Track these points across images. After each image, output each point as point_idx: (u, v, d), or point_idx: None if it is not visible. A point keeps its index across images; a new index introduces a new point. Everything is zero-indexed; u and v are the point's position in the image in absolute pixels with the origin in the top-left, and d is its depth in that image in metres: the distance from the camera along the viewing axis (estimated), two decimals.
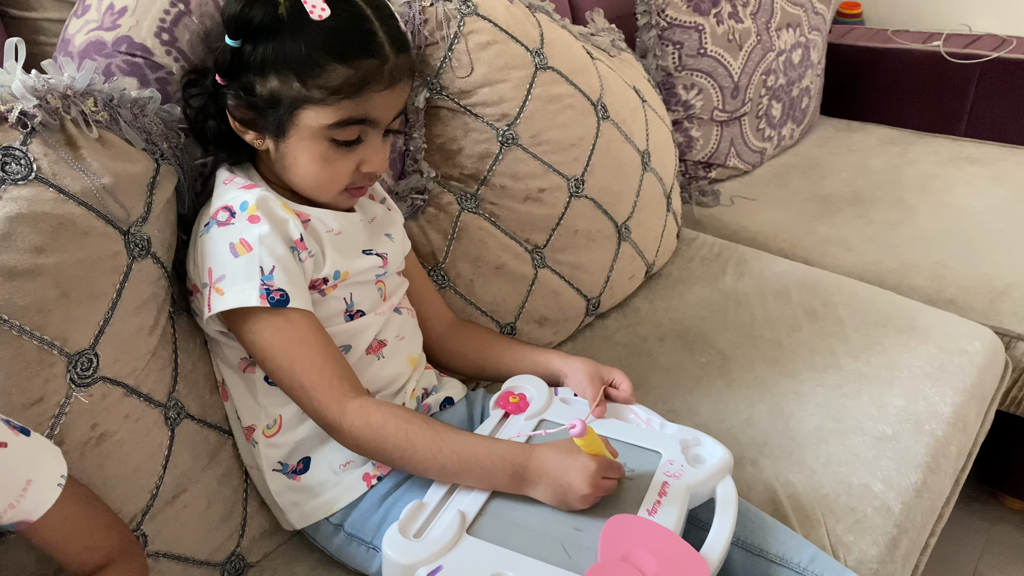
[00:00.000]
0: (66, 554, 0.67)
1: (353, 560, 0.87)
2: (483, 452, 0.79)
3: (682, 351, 1.24)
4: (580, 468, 0.76)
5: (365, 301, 0.90)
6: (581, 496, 0.75)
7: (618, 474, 0.79)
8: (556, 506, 0.77)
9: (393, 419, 0.79)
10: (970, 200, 1.64)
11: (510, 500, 0.79)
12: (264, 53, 0.78)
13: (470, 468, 0.78)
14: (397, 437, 0.78)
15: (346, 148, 0.82)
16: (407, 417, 0.80)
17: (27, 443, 0.62)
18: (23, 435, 0.62)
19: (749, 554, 0.85)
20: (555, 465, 0.77)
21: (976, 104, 1.92)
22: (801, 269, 1.43)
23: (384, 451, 0.79)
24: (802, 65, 1.85)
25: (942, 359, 1.20)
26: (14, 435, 0.61)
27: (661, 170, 1.37)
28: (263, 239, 0.79)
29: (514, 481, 0.78)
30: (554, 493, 0.76)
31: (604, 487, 0.77)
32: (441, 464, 0.78)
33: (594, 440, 0.77)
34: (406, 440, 0.78)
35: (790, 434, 1.06)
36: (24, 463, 0.62)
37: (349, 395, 0.79)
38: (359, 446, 0.80)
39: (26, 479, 0.62)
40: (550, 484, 0.76)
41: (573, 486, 0.75)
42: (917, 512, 1.02)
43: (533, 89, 1.14)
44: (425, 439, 0.78)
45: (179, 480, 0.83)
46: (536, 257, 1.19)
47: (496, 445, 0.80)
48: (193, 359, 0.87)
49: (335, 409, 0.79)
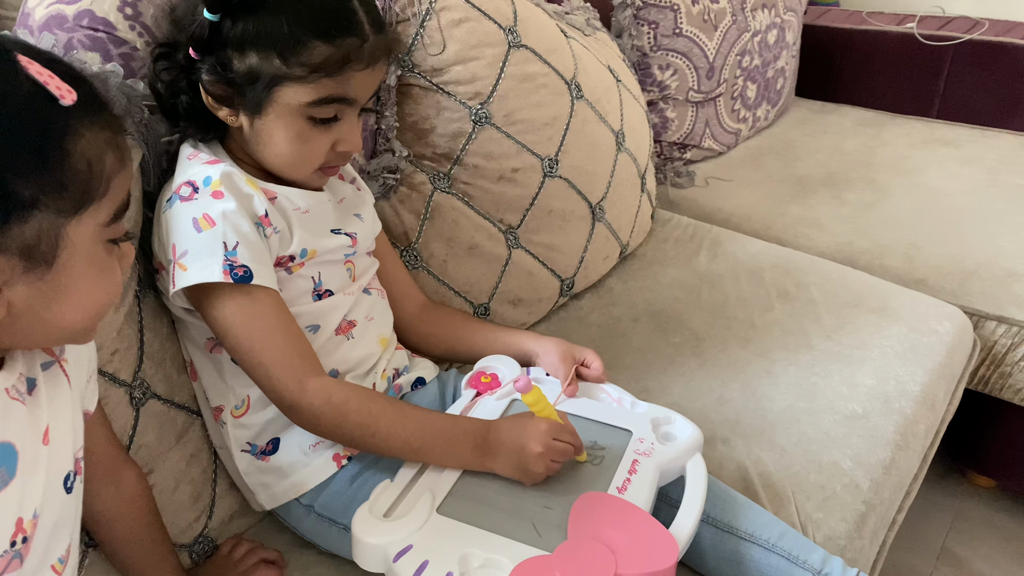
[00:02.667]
0: (119, 448, 0.76)
1: (325, 541, 0.87)
2: (446, 427, 0.80)
3: (655, 331, 1.24)
4: (531, 429, 0.77)
5: (334, 281, 0.89)
6: (535, 455, 0.76)
7: (571, 438, 0.79)
8: (517, 476, 0.77)
9: (355, 397, 0.79)
10: (942, 182, 1.66)
11: (479, 479, 0.79)
12: (244, 29, 0.76)
13: (434, 443, 0.78)
14: (359, 414, 0.78)
15: (323, 126, 0.81)
16: (369, 396, 0.80)
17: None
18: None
19: (719, 531, 0.86)
20: (509, 432, 0.78)
21: (949, 86, 1.93)
22: (775, 250, 1.43)
23: (345, 430, 0.79)
24: (777, 46, 1.85)
25: (912, 339, 1.22)
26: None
27: (636, 150, 1.37)
28: (227, 215, 0.78)
29: (476, 454, 0.78)
30: (511, 460, 0.77)
31: (558, 449, 0.77)
32: (404, 440, 0.78)
33: (541, 400, 0.79)
34: (368, 417, 0.78)
35: (762, 413, 1.07)
36: (91, 357, 0.69)
37: (309, 374, 0.79)
38: (319, 426, 0.79)
39: (92, 369, 0.69)
40: (508, 452, 0.77)
41: (526, 448, 0.76)
42: (885, 489, 1.03)
43: (507, 67, 1.13)
44: (388, 416, 0.78)
45: (145, 460, 0.82)
46: (510, 237, 1.19)
47: (459, 420, 0.82)
48: (160, 338, 0.86)
49: (294, 388, 0.78)
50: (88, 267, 0.56)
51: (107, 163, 0.55)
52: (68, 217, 0.53)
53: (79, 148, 0.53)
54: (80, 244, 0.54)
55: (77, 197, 0.53)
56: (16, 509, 0.56)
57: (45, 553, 0.60)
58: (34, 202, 0.51)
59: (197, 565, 0.88)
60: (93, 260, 0.56)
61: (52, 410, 0.61)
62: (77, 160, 0.52)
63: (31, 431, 0.58)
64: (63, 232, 0.53)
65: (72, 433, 0.64)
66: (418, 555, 0.69)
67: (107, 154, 0.55)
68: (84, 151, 0.53)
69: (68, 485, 0.62)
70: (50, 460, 0.60)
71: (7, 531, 0.56)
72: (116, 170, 0.56)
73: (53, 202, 0.52)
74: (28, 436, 0.58)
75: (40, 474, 0.59)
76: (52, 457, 0.60)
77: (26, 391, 0.59)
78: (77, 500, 0.65)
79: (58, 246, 0.53)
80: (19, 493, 0.56)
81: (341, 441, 0.83)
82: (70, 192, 0.52)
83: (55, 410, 0.61)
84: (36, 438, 0.59)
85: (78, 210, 0.53)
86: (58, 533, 0.62)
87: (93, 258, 0.56)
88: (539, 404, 0.79)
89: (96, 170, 0.54)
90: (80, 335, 0.61)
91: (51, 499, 0.60)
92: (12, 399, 0.57)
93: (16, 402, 0.57)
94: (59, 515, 0.61)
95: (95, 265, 0.57)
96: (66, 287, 0.55)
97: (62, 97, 0.51)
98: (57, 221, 0.52)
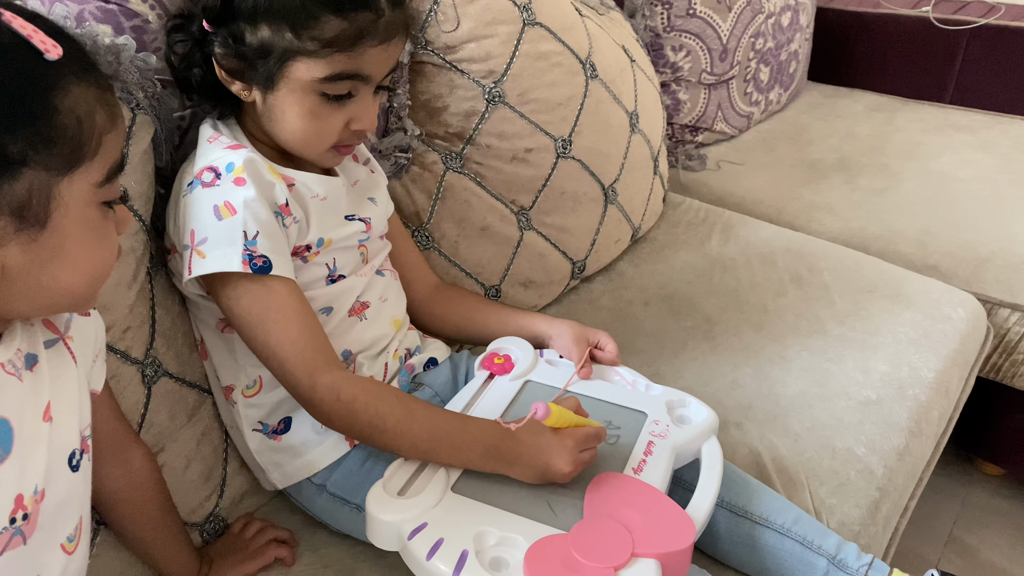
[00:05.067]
0: (127, 428, 0.76)
1: (337, 520, 0.87)
2: (455, 430, 0.77)
3: (667, 315, 1.23)
4: (557, 447, 0.74)
5: (347, 265, 0.88)
6: (563, 475, 0.74)
7: (597, 441, 0.78)
8: (535, 483, 0.75)
9: (363, 395, 0.76)
10: (956, 168, 1.64)
11: None
12: (256, 1, 0.75)
13: (441, 445, 0.76)
14: (366, 413, 0.76)
15: (336, 103, 0.79)
16: (378, 393, 0.78)
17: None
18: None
19: (733, 515, 0.85)
20: (530, 447, 0.75)
21: (963, 71, 1.91)
22: (787, 234, 1.42)
23: (354, 427, 0.77)
24: (791, 28, 1.83)
25: (926, 325, 1.21)
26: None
27: (649, 132, 1.36)
28: (248, 203, 0.76)
29: (487, 460, 0.76)
30: (532, 472, 0.75)
31: (584, 461, 0.76)
32: (411, 442, 0.76)
33: (563, 414, 0.75)
34: (376, 416, 0.76)
35: (775, 398, 1.06)
36: (98, 335, 0.68)
37: (321, 369, 0.77)
38: (330, 421, 0.78)
39: (99, 347, 0.68)
40: (526, 464, 0.75)
41: (552, 466, 0.74)
42: (899, 475, 1.02)
43: (520, 46, 1.11)
44: (395, 416, 0.76)
45: (156, 439, 0.81)
46: (522, 219, 1.18)
47: (469, 423, 0.78)
48: (172, 316, 0.85)
49: (306, 383, 0.76)
50: (82, 228, 0.55)
51: (97, 120, 0.54)
52: (59, 176, 0.52)
53: (67, 103, 0.52)
54: (73, 204, 0.53)
55: (67, 154, 0.52)
56: (15, 486, 0.55)
57: (52, 531, 0.60)
58: (23, 159, 0.50)
59: (208, 544, 0.87)
60: (87, 222, 0.55)
61: (55, 387, 0.60)
62: (66, 116, 0.51)
63: (30, 407, 0.58)
64: (55, 191, 0.52)
65: (77, 411, 0.63)
66: (433, 533, 0.69)
67: (97, 111, 0.54)
68: (72, 107, 0.52)
69: (74, 463, 0.62)
70: (52, 437, 0.59)
71: (6, 508, 0.55)
72: (107, 128, 0.54)
73: (43, 159, 0.51)
74: (27, 412, 0.57)
75: (41, 451, 0.58)
76: (55, 434, 0.59)
77: (24, 367, 0.58)
78: (85, 478, 0.64)
79: (50, 206, 0.52)
80: (17, 469, 0.56)
81: (354, 437, 0.82)
82: (59, 148, 0.51)
83: (58, 387, 0.60)
84: (36, 414, 0.58)
85: (70, 168, 0.52)
86: (65, 511, 0.61)
87: (87, 219, 0.55)
88: (561, 420, 0.75)
89: (86, 127, 0.53)
90: (79, 301, 0.60)
91: (55, 476, 0.59)
92: (8, 374, 0.56)
93: (11, 377, 0.56)
94: (66, 493, 0.61)
95: (89, 227, 0.56)
96: (60, 249, 0.54)
97: (47, 51, 0.50)
98: (48, 179, 0.51)
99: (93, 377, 0.67)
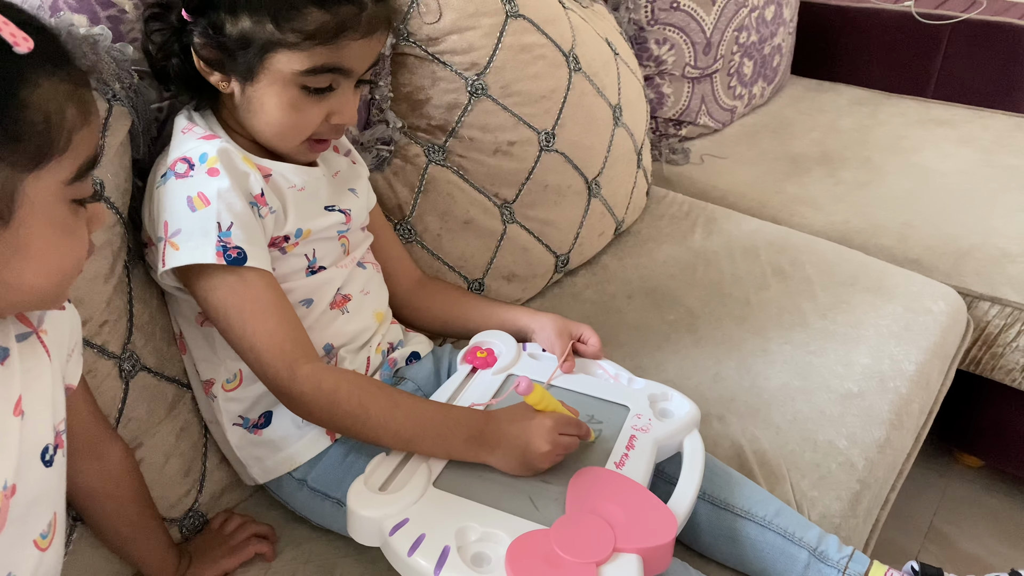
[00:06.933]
0: (103, 424, 0.75)
1: (317, 515, 0.86)
2: (439, 417, 0.77)
3: (650, 309, 1.23)
4: (536, 426, 0.75)
5: (327, 256, 0.87)
6: (541, 454, 0.74)
7: (578, 430, 0.77)
8: (515, 471, 0.75)
9: (345, 384, 0.76)
10: (937, 162, 1.65)
11: None
12: None
13: (425, 433, 0.75)
14: (349, 403, 0.75)
15: (316, 96, 0.78)
16: (360, 383, 0.77)
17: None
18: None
19: (715, 508, 0.86)
20: (511, 428, 0.75)
21: (945, 66, 1.92)
22: (770, 228, 1.42)
23: (336, 417, 0.76)
24: (774, 22, 1.83)
25: (907, 318, 1.21)
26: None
27: (632, 126, 1.35)
28: (222, 193, 0.75)
29: (470, 446, 0.75)
30: (513, 456, 0.75)
31: (564, 444, 0.75)
32: (395, 431, 0.75)
33: (545, 396, 0.76)
34: (359, 406, 0.75)
35: (757, 391, 1.07)
36: (74, 330, 0.67)
37: (300, 360, 0.76)
38: (310, 413, 0.77)
39: (75, 342, 0.67)
40: (508, 447, 0.75)
41: (531, 445, 0.74)
42: (880, 468, 1.03)
43: (504, 38, 1.11)
44: (378, 404, 0.75)
45: (134, 434, 0.80)
46: (505, 212, 1.17)
47: (452, 410, 0.78)
48: (151, 310, 0.84)
49: (285, 375, 0.76)
50: (49, 227, 0.54)
51: (68, 117, 0.52)
52: (25, 172, 0.51)
53: (35, 99, 0.50)
54: (40, 202, 0.52)
55: (33, 151, 0.51)
56: None
57: (24, 527, 0.59)
58: None
59: (187, 540, 0.87)
60: (54, 220, 0.54)
61: (27, 381, 0.59)
62: (33, 112, 0.50)
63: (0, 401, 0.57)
64: (20, 187, 0.51)
65: (51, 406, 0.62)
66: (414, 528, 0.69)
67: (68, 107, 0.52)
68: (41, 103, 0.50)
69: (47, 458, 0.60)
70: (23, 432, 0.58)
71: None
72: (78, 125, 0.53)
73: (8, 155, 0.49)
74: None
75: (11, 446, 0.57)
76: (26, 429, 0.58)
77: None
78: (59, 474, 0.63)
79: (15, 202, 0.51)
80: None
81: (335, 429, 0.82)
82: (25, 145, 0.50)
83: (30, 381, 0.59)
84: (5, 408, 0.57)
85: (36, 165, 0.51)
86: (38, 508, 0.60)
87: (55, 217, 0.54)
88: (543, 401, 0.76)
89: (55, 123, 0.51)
90: (46, 299, 0.59)
91: (27, 472, 0.58)
92: None
93: None
94: (38, 489, 0.60)
95: (57, 225, 0.54)
96: (26, 246, 0.53)
97: (16, 44, 0.49)
98: (13, 175, 0.50)
99: (69, 372, 0.66)
